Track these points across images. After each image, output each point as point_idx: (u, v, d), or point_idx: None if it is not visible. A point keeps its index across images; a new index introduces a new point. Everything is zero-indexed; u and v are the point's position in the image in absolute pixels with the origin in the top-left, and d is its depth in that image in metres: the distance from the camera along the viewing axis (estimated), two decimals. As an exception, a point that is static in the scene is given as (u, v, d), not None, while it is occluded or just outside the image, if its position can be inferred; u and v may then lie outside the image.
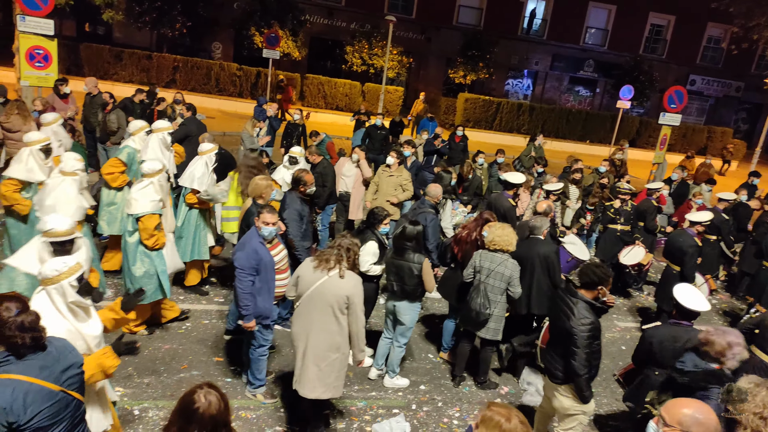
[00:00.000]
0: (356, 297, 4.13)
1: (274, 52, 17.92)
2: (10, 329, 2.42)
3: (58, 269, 3.01)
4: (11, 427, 2.34)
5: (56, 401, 2.51)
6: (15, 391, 2.37)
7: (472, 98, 24.15)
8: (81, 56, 20.23)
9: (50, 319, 2.95)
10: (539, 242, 5.67)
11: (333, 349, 4.19)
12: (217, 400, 2.35)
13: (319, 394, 4.24)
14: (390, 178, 8.07)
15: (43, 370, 2.49)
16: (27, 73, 9.38)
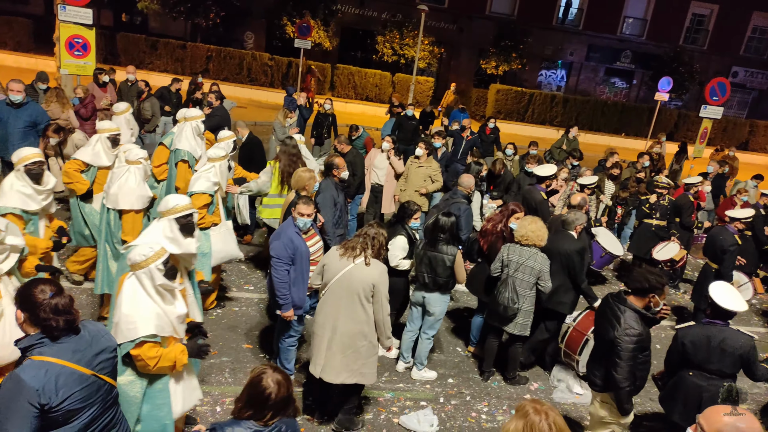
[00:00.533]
0: (381, 285, 4.15)
1: (305, 42, 17.95)
2: (45, 312, 2.45)
3: (145, 254, 3.12)
4: (43, 408, 2.37)
5: (87, 385, 2.54)
6: (48, 373, 2.40)
7: (503, 89, 23.80)
8: (118, 46, 20.64)
9: (140, 302, 3.10)
10: (565, 237, 5.51)
11: (360, 337, 4.20)
12: (284, 380, 2.43)
13: (344, 379, 4.26)
14: (419, 169, 8.00)
15: (76, 353, 2.53)
16: (66, 62, 9.60)
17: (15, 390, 2.33)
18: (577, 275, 5.42)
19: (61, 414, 2.44)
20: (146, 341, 3.07)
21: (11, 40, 19.83)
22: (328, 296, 4.22)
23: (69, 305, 2.53)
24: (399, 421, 4.79)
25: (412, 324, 5.47)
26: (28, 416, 2.33)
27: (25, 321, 2.50)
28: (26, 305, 2.48)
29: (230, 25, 22.66)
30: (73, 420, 2.51)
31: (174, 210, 3.83)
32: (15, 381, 2.35)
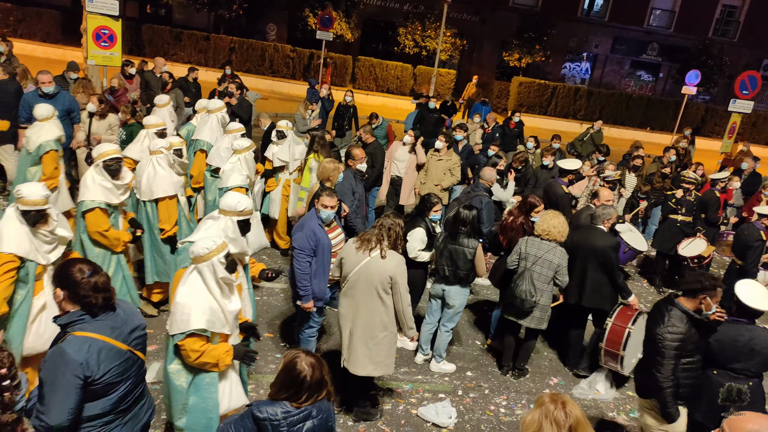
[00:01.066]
0: (399, 276, 4.14)
1: (327, 34, 17.94)
2: (85, 289, 2.55)
3: (208, 247, 3.16)
4: (86, 381, 2.49)
5: (124, 359, 2.66)
6: (90, 348, 2.51)
7: (526, 82, 23.52)
8: (143, 37, 20.88)
9: (198, 295, 3.16)
10: (597, 233, 5.43)
11: (380, 329, 4.22)
12: (317, 363, 2.48)
13: (370, 371, 4.30)
14: (439, 162, 7.97)
15: (114, 330, 2.63)
16: (93, 53, 9.74)
17: (61, 364, 2.43)
18: (613, 271, 5.33)
19: (101, 387, 2.56)
20: (195, 334, 3.12)
21: (40, 32, 20.20)
22: (348, 289, 4.26)
23: (107, 283, 2.64)
24: (417, 413, 4.81)
25: (431, 316, 5.47)
26: (73, 388, 2.45)
27: (64, 299, 2.59)
28: (66, 283, 2.57)
29: (253, 17, 22.76)
30: (112, 392, 2.63)
31: (241, 213, 3.85)
32: (60, 355, 2.45)
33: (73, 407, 2.47)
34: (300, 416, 2.44)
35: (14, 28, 19.64)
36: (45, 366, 2.46)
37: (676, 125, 18.03)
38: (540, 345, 6.25)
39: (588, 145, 12.01)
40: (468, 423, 4.83)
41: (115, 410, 2.68)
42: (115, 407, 2.67)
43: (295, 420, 2.43)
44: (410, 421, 4.72)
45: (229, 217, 3.84)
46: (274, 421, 2.40)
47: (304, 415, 2.45)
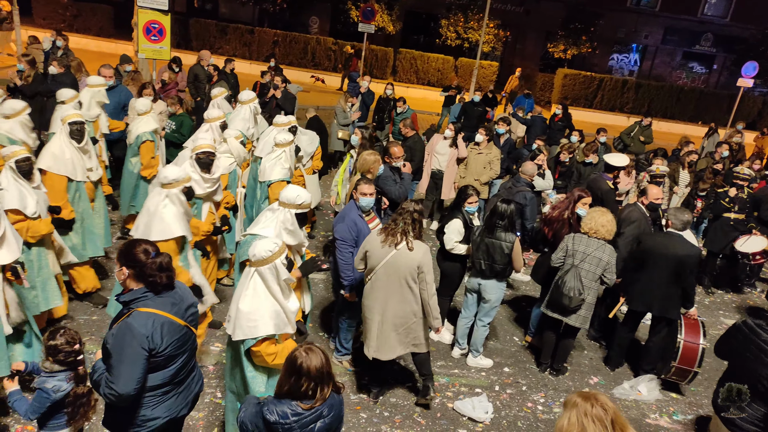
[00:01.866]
0: (426, 265, 4.17)
1: (369, 26, 17.95)
2: (151, 269, 2.69)
3: (271, 250, 3.17)
4: (151, 353, 2.64)
5: (183, 334, 2.81)
6: (154, 322, 2.66)
7: (571, 74, 22.94)
8: (190, 31, 21.41)
9: (261, 300, 3.17)
10: (676, 240, 5.13)
11: (410, 316, 4.31)
12: (317, 355, 2.49)
13: (399, 352, 4.38)
14: (479, 156, 7.89)
15: (173, 306, 2.78)
16: (144, 46, 10.08)
17: (128, 337, 2.58)
18: (689, 280, 5.12)
19: (162, 359, 2.71)
20: (266, 338, 3.18)
21: (95, 26, 20.98)
22: (375, 282, 4.28)
23: (170, 263, 2.78)
24: (453, 406, 4.81)
25: (467, 311, 5.45)
26: (140, 359, 2.59)
27: (129, 277, 2.74)
28: (132, 263, 2.70)
29: (296, 10, 22.98)
30: (171, 365, 2.78)
31: (299, 206, 3.92)
32: (127, 329, 2.60)
33: (140, 377, 2.62)
34: (311, 417, 2.45)
35: (70, 23, 20.47)
36: (113, 340, 2.61)
37: (730, 119, 17.27)
38: (581, 343, 6.14)
39: (636, 140, 11.64)
40: (504, 419, 4.80)
41: (173, 381, 2.83)
42: (172, 378, 2.82)
43: (307, 421, 2.44)
44: (446, 415, 4.73)
45: (288, 209, 3.91)
46: (285, 425, 2.41)
47: (316, 415, 2.46)
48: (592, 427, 2.28)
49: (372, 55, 21.61)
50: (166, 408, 2.84)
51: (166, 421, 2.85)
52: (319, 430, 2.47)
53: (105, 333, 2.80)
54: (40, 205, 4.38)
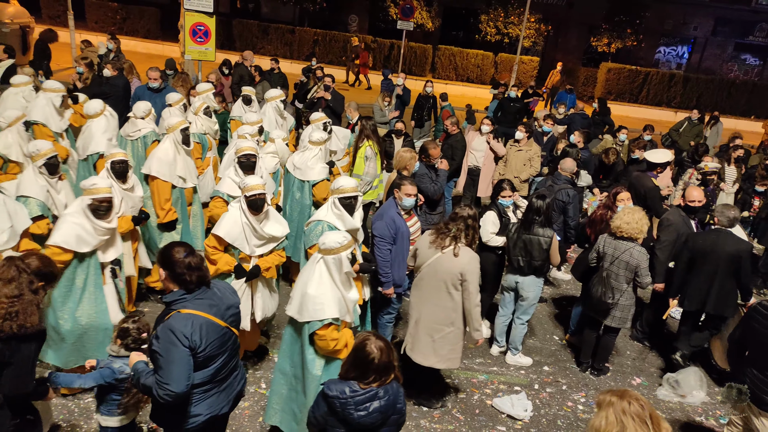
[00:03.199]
0: (470, 274, 4.12)
1: (408, 24, 17.97)
2: (180, 268, 2.81)
3: (339, 242, 3.39)
4: (192, 351, 2.76)
5: (222, 334, 2.91)
6: (194, 323, 2.77)
7: (615, 68, 22.33)
8: (233, 31, 21.89)
9: (326, 286, 3.39)
10: (729, 237, 5.02)
11: (447, 324, 4.28)
12: (385, 347, 2.60)
13: (432, 363, 4.38)
14: (519, 153, 7.83)
15: (212, 307, 2.89)
16: (190, 48, 10.39)
17: (171, 338, 2.71)
18: (747, 276, 5.02)
19: (202, 359, 2.81)
20: (331, 323, 3.37)
21: (142, 28, 21.71)
22: (419, 280, 4.36)
23: (200, 263, 2.89)
24: (492, 403, 4.83)
25: (504, 309, 5.45)
26: (185, 358, 2.72)
27: (166, 278, 2.87)
28: (166, 263, 2.84)
29: (336, 9, 23.19)
30: (211, 364, 2.89)
31: (339, 191, 4.18)
32: (169, 330, 2.72)
33: (190, 374, 2.74)
34: (366, 396, 2.56)
35: (119, 26, 21.26)
36: (158, 343, 2.72)
37: (786, 113, 16.49)
38: (623, 343, 6.05)
39: (686, 136, 11.26)
40: (544, 417, 4.79)
41: (214, 380, 2.94)
42: (213, 377, 2.92)
43: (362, 399, 2.55)
44: (484, 411, 4.76)
45: (334, 196, 4.20)
46: (341, 399, 2.54)
47: (371, 395, 2.56)
48: (632, 424, 2.28)
49: (410, 53, 21.59)
50: (208, 405, 2.95)
51: (207, 418, 2.96)
52: (374, 410, 2.55)
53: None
54: (124, 204, 4.60)
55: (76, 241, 3.93)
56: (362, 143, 6.81)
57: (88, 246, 3.99)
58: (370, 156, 6.78)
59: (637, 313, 5.77)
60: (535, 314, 6.36)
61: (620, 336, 5.75)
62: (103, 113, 6.02)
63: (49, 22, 19.84)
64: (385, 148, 7.94)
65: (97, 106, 6.02)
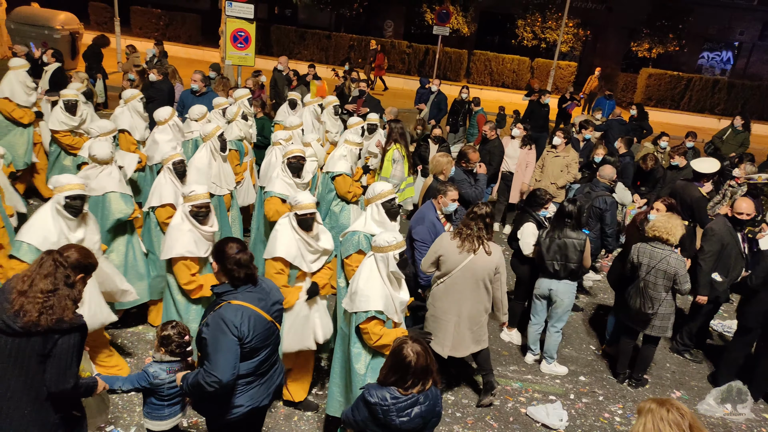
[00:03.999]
0: (502, 266, 4.39)
1: (443, 29, 17.97)
2: (231, 263, 2.92)
3: (389, 242, 3.49)
4: (239, 341, 2.85)
5: (267, 328, 3.00)
6: (243, 314, 2.87)
7: (656, 74, 21.81)
8: (271, 37, 22.30)
9: (375, 281, 3.49)
10: None
11: (483, 313, 4.46)
12: (423, 350, 2.62)
13: (472, 349, 4.51)
14: (556, 159, 7.73)
15: (260, 301, 2.99)
16: (231, 53, 10.68)
17: (221, 327, 2.81)
18: None
19: (248, 350, 2.90)
20: (375, 317, 3.44)
21: (184, 34, 22.32)
22: (451, 284, 4.35)
23: (249, 261, 2.99)
24: (526, 412, 4.78)
25: (537, 317, 5.39)
26: (233, 347, 2.81)
27: (218, 271, 2.99)
28: (219, 257, 2.97)
29: (371, 15, 23.36)
30: (255, 356, 2.97)
31: (380, 196, 4.21)
32: (220, 320, 2.82)
33: (236, 363, 2.83)
34: (408, 402, 2.58)
35: (162, 32, 21.91)
36: (208, 330, 2.83)
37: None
38: (662, 355, 5.90)
39: (729, 144, 10.91)
40: (580, 428, 4.71)
41: (256, 372, 3.02)
42: (256, 370, 3.01)
43: (404, 406, 2.58)
44: (518, 420, 4.71)
45: (373, 203, 4.25)
46: (384, 406, 2.57)
47: (412, 401, 2.59)
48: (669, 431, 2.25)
49: (445, 58, 21.57)
50: (249, 397, 3.03)
51: (248, 410, 3.04)
52: (416, 415, 2.58)
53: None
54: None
55: (197, 247, 4.12)
56: (390, 146, 6.84)
57: (205, 251, 4.17)
58: (397, 159, 6.82)
59: (678, 324, 5.64)
60: (570, 323, 6.28)
61: (659, 347, 5.61)
62: (168, 122, 6.20)
63: (97, 28, 20.62)
64: (421, 152, 7.97)
65: (165, 114, 6.21)
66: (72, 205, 3.79)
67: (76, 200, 3.81)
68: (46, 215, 3.79)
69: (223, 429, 3.08)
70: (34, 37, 13.98)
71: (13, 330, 2.58)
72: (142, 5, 22.41)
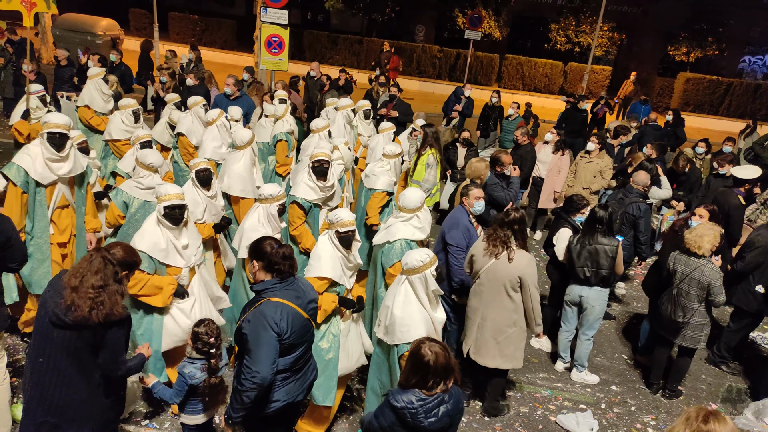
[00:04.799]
0: (528, 276, 4.18)
1: (475, 33, 17.90)
2: (276, 258, 3.01)
3: (422, 260, 3.39)
4: (279, 337, 2.93)
5: (303, 325, 3.08)
6: (282, 311, 2.95)
7: (694, 78, 21.27)
8: (304, 42, 22.60)
9: (412, 307, 3.39)
10: None
11: (509, 324, 4.31)
12: (441, 350, 2.63)
13: (499, 363, 4.39)
14: (589, 164, 7.62)
15: (298, 299, 3.07)
16: (265, 59, 10.84)
17: (262, 323, 2.90)
18: None
19: (285, 347, 2.98)
20: None
21: (219, 39, 22.81)
22: (477, 286, 4.38)
23: (292, 253, 3.10)
24: (556, 420, 4.73)
25: (567, 324, 5.32)
26: (273, 342, 2.89)
27: (259, 269, 3.07)
28: (260, 256, 3.05)
29: (403, 19, 23.45)
30: (292, 352, 3.05)
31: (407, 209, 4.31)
32: (260, 316, 2.91)
33: (276, 359, 2.91)
34: (434, 402, 2.60)
35: (199, 37, 22.44)
36: (249, 326, 2.91)
37: None
38: (698, 367, 5.75)
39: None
40: (610, 438, 4.64)
41: (292, 368, 3.10)
42: (292, 366, 3.09)
43: (431, 406, 2.59)
44: (548, 427, 4.66)
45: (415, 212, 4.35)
46: (411, 409, 2.58)
47: (438, 401, 2.60)
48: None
49: (477, 62, 21.48)
50: (286, 392, 3.11)
51: (285, 404, 3.12)
52: (443, 414, 2.60)
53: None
54: (208, 212, 4.86)
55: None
56: (425, 151, 6.83)
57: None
58: (431, 164, 6.82)
59: (714, 335, 5.50)
60: (602, 331, 6.19)
61: (695, 358, 5.48)
62: (216, 123, 6.25)
63: (137, 33, 21.27)
64: (449, 156, 7.97)
65: (213, 115, 6.28)
66: (171, 214, 3.90)
67: (174, 210, 3.91)
68: (153, 223, 3.95)
69: (259, 423, 3.15)
70: (78, 42, 14.52)
71: (65, 323, 2.72)
72: (179, 11, 23.00)
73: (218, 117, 6.29)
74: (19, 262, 3.56)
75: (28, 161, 4.33)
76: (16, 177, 4.27)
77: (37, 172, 4.35)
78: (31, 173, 4.32)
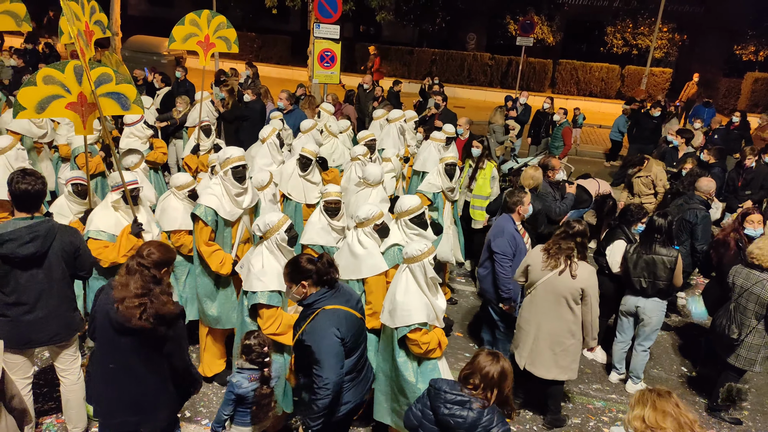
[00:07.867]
0: (590, 289, 4.15)
1: (527, 39, 17.72)
2: (323, 269, 3.10)
3: (421, 249, 3.57)
4: (342, 342, 3.04)
5: (359, 327, 3.21)
6: (339, 316, 3.07)
7: (763, 78, 20.15)
8: (355, 55, 23.03)
9: (413, 293, 3.55)
10: None
11: (568, 336, 4.27)
12: (504, 367, 2.69)
13: (555, 375, 4.35)
14: (638, 178, 7.39)
15: (348, 302, 3.19)
16: (318, 73, 11.19)
17: (323, 330, 3.01)
18: None
19: (346, 349, 3.10)
20: (419, 328, 3.51)
21: (275, 55, 23.62)
22: (535, 297, 4.33)
23: (332, 259, 3.22)
24: (609, 431, 4.63)
25: (623, 335, 5.20)
26: (337, 347, 3.01)
27: (309, 286, 3.13)
28: (306, 274, 3.11)
29: (454, 28, 23.49)
30: (353, 354, 3.18)
31: (408, 212, 4.31)
32: (320, 324, 3.03)
33: (342, 363, 3.03)
34: (459, 399, 2.64)
35: (256, 53, 23.30)
36: (310, 337, 3.01)
37: None
38: (766, 381, 5.47)
39: None
40: (667, 452, 4.49)
41: (356, 369, 3.22)
42: (354, 367, 3.21)
43: (453, 399, 2.65)
44: (600, 439, 4.58)
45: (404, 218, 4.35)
46: (435, 389, 2.72)
47: (463, 401, 2.64)
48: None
49: (529, 68, 21.22)
50: (354, 393, 3.23)
51: (354, 405, 3.24)
52: (460, 416, 2.64)
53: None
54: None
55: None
56: (485, 164, 6.76)
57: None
58: (495, 177, 6.79)
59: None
60: (660, 342, 6.00)
61: (764, 373, 5.22)
62: (267, 141, 6.26)
63: (198, 52, 22.30)
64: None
65: (264, 133, 6.35)
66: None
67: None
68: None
69: (331, 428, 3.20)
70: (145, 63, 15.43)
71: (126, 329, 2.93)
72: (237, 29, 23.95)
73: (270, 134, 6.31)
74: (87, 271, 3.79)
75: (215, 201, 4.35)
76: (205, 215, 4.27)
77: (226, 211, 4.39)
78: (220, 212, 4.36)
